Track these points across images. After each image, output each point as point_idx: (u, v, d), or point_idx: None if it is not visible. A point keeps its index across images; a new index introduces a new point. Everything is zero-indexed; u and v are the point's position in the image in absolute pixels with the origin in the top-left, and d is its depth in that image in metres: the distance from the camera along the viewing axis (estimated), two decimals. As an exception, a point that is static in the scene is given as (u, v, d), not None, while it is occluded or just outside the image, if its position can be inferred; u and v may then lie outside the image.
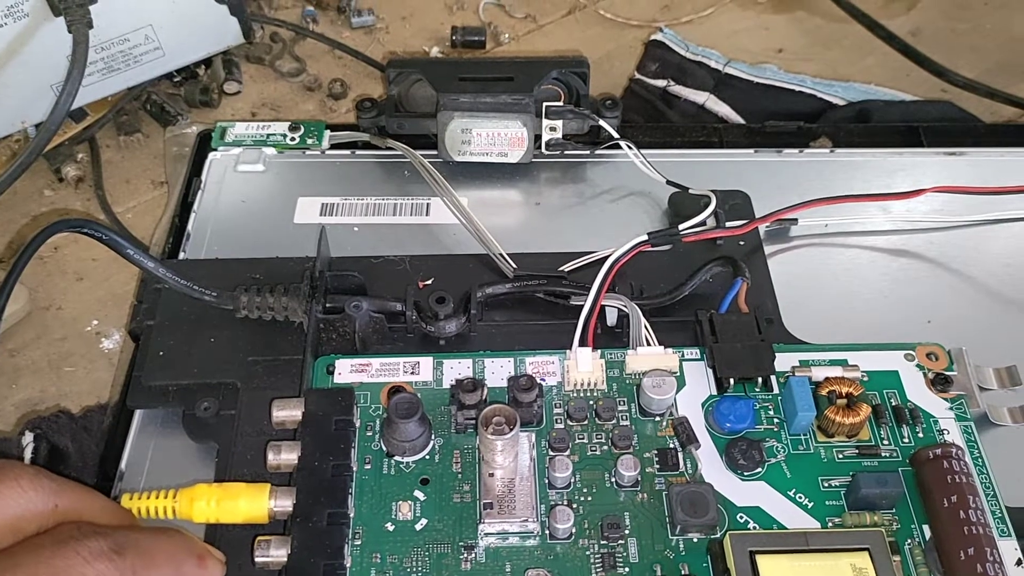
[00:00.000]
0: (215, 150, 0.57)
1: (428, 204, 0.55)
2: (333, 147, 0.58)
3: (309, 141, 0.58)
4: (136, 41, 0.59)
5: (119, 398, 0.48)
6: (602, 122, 0.54)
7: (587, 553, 0.39)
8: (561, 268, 0.49)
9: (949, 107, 0.62)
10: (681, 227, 0.49)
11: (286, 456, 0.40)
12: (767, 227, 0.52)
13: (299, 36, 0.69)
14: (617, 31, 0.71)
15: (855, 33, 0.69)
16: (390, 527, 0.39)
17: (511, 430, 0.39)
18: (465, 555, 0.39)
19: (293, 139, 0.58)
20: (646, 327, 0.45)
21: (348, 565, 0.38)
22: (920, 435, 0.42)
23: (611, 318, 0.47)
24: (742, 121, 0.63)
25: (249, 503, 0.38)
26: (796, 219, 0.52)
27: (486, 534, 0.39)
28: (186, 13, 0.60)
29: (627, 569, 0.38)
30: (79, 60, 0.52)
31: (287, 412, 0.41)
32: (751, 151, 0.57)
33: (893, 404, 0.43)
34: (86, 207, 0.59)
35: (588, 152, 0.56)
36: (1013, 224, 0.53)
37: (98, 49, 0.57)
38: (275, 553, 0.37)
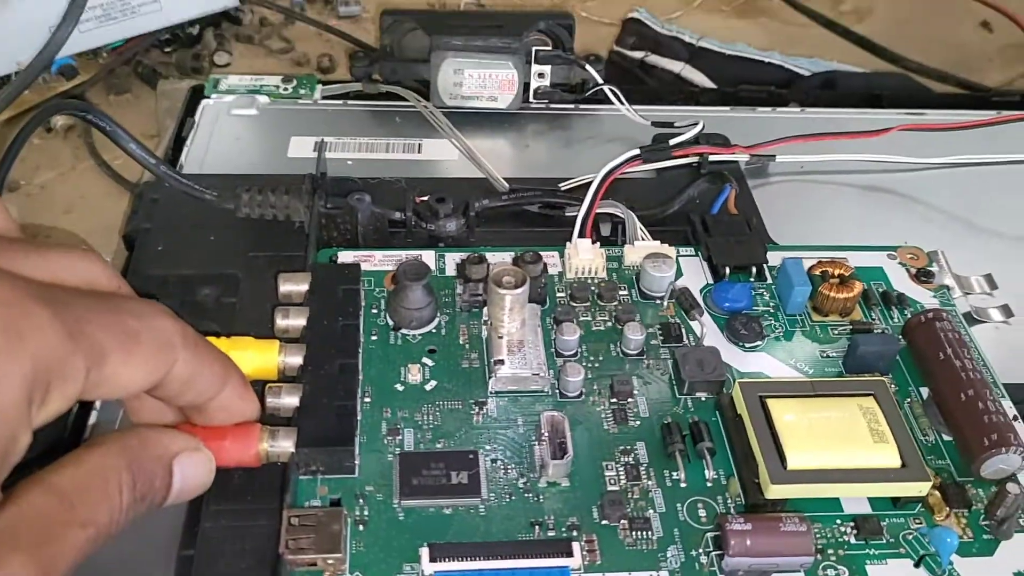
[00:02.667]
0: (208, 98, 0.58)
1: (420, 144, 0.56)
2: (325, 98, 0.59)
3: (302, 92, 0.59)
4: (135, -9, 0.60)
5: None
6: (588, 67, 0.56)
7: (598, 409, 0.39)
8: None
9: (907, 80, 0.66)
10: (671, 141, 0.51)
11: (294, 320, 0.40)
12: (747, 163, 0.54)
13: (288, 20, 0.71)
14: (592, 27, 0.74)
15: (816, 35, 0.74)
16: (400, 387, 0.39)
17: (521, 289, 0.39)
18: (477, 410, 0.38)
19: (286, 90, 0.59)
20: (641, 229, 0.47)
21: (359, 418, 0.37)
22: (909, 316, 0.43)
23: (605, 230, 0.49)
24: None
25: (258, 354, 0.38)
26: (774, 155, 0.54)
27: (496, 392, 0.39)
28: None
29: (638, 422, 0.38)
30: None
31: (293, 285, 0.41)
32: (727, 108, 0.60)
33: (881, 291, 0.45)
34: (76, 155, 0.59)
35: (574, 103, 0.58)
36: (973, 168, 0.56)
37: (97, -5, 0.58)
38: (286, 399, 0.37)
